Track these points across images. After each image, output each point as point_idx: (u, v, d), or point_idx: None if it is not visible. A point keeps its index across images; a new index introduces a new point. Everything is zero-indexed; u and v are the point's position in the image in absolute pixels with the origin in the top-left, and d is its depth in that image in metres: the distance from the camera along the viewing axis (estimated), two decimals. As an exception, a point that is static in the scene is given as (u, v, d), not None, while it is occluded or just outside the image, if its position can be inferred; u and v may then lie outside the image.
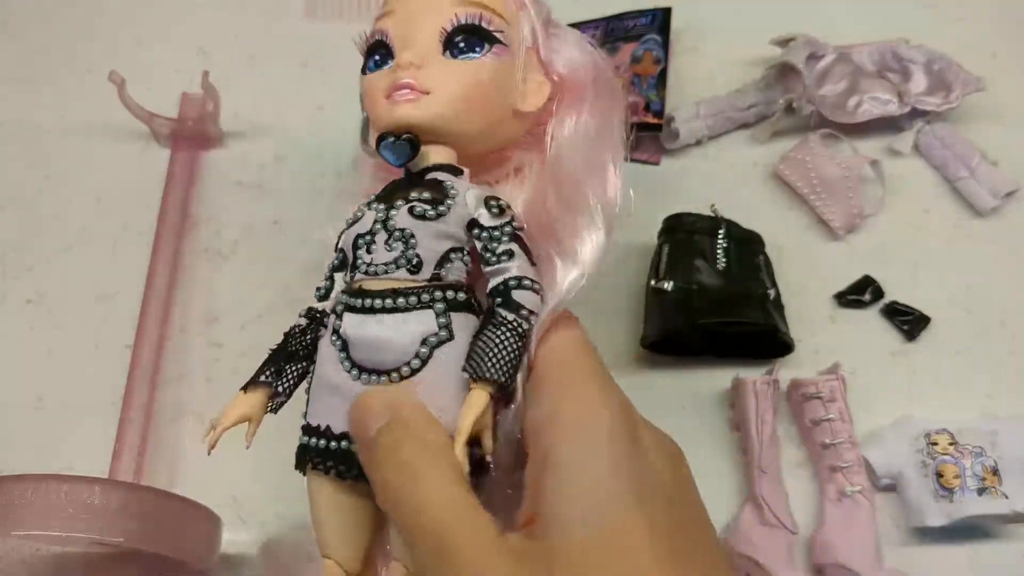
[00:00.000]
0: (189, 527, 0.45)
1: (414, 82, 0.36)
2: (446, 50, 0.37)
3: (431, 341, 0.33)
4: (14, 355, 0.57)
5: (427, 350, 0.33)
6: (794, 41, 0.62)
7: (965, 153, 0.60)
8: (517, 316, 0.33)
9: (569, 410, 0.31)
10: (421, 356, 0.33)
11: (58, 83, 0.66)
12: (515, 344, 0.32)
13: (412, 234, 0.34)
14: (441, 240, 0.34)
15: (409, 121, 0.36)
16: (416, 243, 0.34)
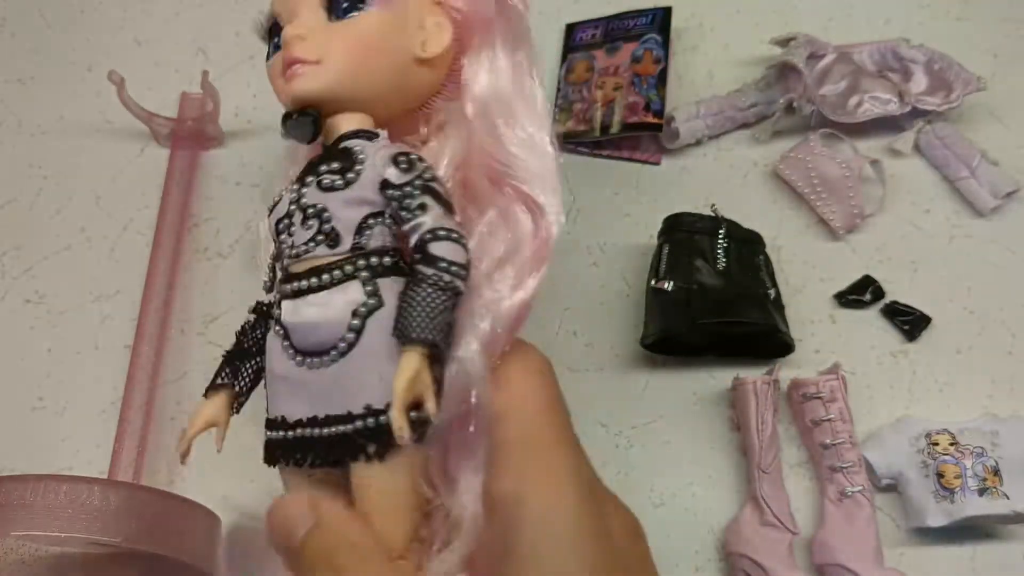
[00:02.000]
0: (189, 527, 0.45)
1: (302, 54, 0.34)
2: (331, 15, 0.35)
3: (361, 312, 0.31)
4: (14, 355, 0.57)
5: (359, 321, 0.31)
6: (794, 41, 0.62)
7: (965, 153, 0.60)
8: (436, 270, 0.31)
9: (535, 495, 0.30)
10: (354, 328, 0.31)
11: (58, 83, 0.66)
12: (439, 299, 0.31)
13: (324, 207, 0.33)
14: (355, 207, 0.33)
15: (305, 96, 0.34)
16: (330, 216, 0.32)
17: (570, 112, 0.63)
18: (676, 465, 0.53)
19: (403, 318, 0.31)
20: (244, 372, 0.35)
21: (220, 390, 0.35)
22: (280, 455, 0.33)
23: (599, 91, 0.63)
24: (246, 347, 0.35)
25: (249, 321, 0.35)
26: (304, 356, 0.32)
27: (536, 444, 0.31)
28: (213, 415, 0.34)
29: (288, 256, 0.33)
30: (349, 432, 0.31)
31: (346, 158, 0.33)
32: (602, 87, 0.63)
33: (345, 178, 0.33)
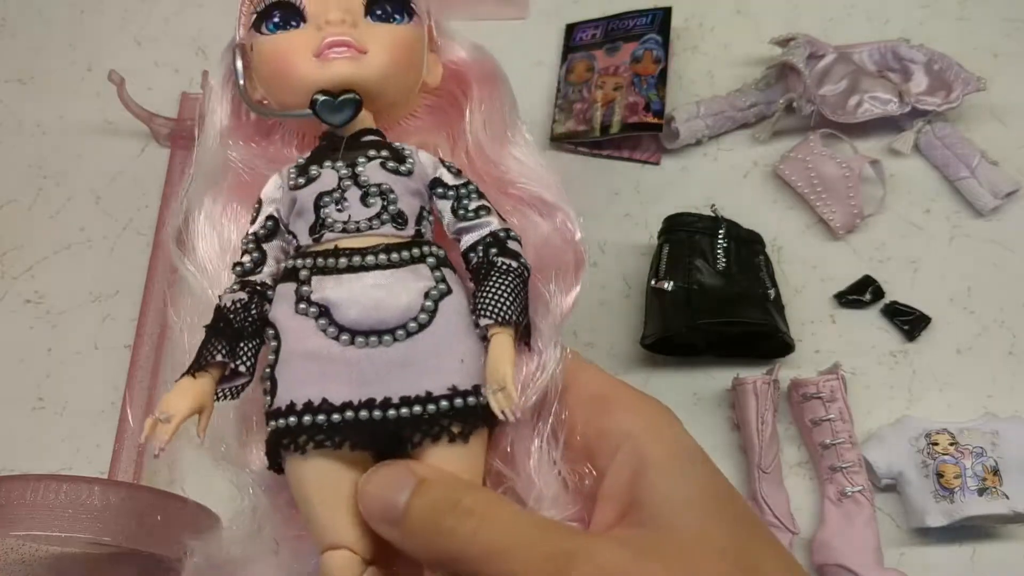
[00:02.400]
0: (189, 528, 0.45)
1: (352, 40, 0.34)
2: (369, 15, 0.36)
3: (433, 295, 0.32)
4: (14, 355, 0.57)
5: (432, 303, 0.31)
6: (794, 41, 0.62)
7: (966, 153, 0.60)
8: (519, 264, 0.33)
9: (661, 424, 0.31)
10: (427, 310, 0.31)
11: (58, 83, 0.66)
12: (524, 289, 0.32)
13: (391, 188, 0.33)
14: (414, 197, 0.34)
15: (351, 79, 0.34)
16: (396, 198, 0.33)
17: (570, 112, 0.63)
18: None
19: (497, 302, 0.31)
20: (243, 352, 0.32)
21: (209, 370, 0.32)
22: (323, 441, 0.30)
23: (599, 91, 0.63)
24: (238, 327, 0.32)
25: (240, 300, 0.33)
26: (354, 334, 0.31)
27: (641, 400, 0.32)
28: (201, 399, 0.32)
29: (337, 230, 0.32)
30: (431, 413, 0.30)
31: (391, 150, 0.34)
32: (602, 87, 0.63)
33: (405, 166, 0.33)
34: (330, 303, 0.31)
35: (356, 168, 0.33)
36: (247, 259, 0.34)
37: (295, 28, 0.35)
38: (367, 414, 0.30)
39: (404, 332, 0.31)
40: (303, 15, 0.35)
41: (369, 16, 0.36)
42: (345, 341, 0.31)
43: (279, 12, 0.36)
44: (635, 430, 0.30)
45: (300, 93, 0.34)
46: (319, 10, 0.35)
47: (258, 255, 0.34)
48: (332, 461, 0.30)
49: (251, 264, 0.34)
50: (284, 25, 0.36)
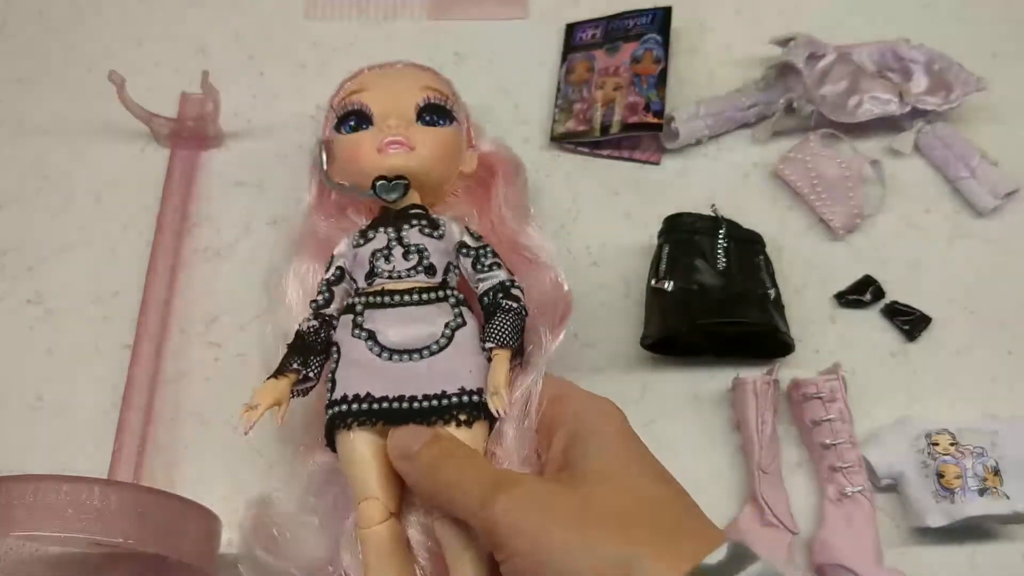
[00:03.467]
0: (189, 527, 0.45)
1: (403, 139, 0.48)
2: (419, 119, 0.50)
3: (452, 325, 0.45)
4: (14, 355, 0.57)
5: (450, 331, 0.44)
6: (794, 41, 0.62)
7: (965, 153, 0.60)
8: (519, 304, 0.45)
9: (594, 409, 0.41)
10: (446, 336, 0.44)
11: (58, 83, 0.66)
12: (521, 323, 0.45)
13: (424, 247, 0.46)
14: (442, 255, 0.47)
15: (402, 168, 0.48)
16: (428, 255, 0.46)
17: (570, 112, 0.63)
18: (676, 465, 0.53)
19: (499, 332, 0.44)
20: (312, 363, 0.45)
21: (289, 374, 0.45)
22: (364, 421, 0.42)
23: (599, 91, 0.63)
24: (310, 344, 0.45)
25: (313, 326, 0.46)
26: (392, 353, 0.44)
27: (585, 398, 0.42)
28: (280, 395, 0.44)
29: (384, 277, 0.46)
30: (444, 405, 0.43)
31: (430, 220, 0.48)
32: (602, 87, 0.63)
33: (437, 232, 0.47)
34: (376, 330, 0.44)
35: (401, 232, 0.47)
36: (321, 298, 0.47)
37: (364, 130, 0.50)
38: (399, 405, 0.43)
39: (428, 352, 0.44)
40: (371, 120, 0.50)
41: (419, 121, 0.50)
42: (385, 357, 0.44)
43: (354, 118, 0.50)
44: (574, 414, 0.41)
45: (366, 177, 0.48)
46: (382, 115, 0.50)
47: (328, 295, 0.47)
48: (371, 437, 0.43)
49: (323, 301, 0.47)
50: (357, 127, 0.50)
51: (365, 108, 0.50)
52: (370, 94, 0.51)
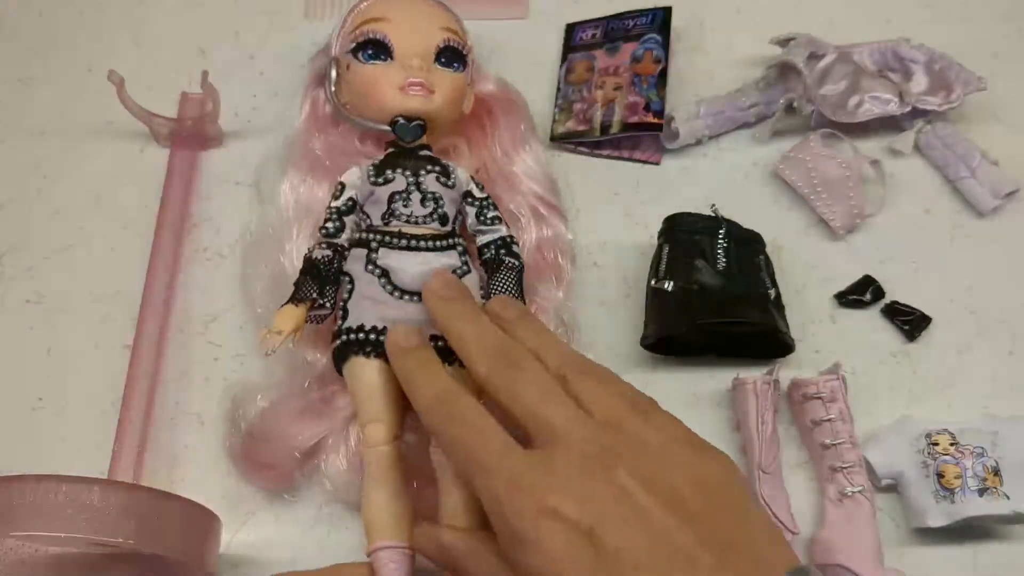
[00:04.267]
0: (189, 528, 0.45)
1: (425, 82, 0.50)
2: (436, 61, 0.51)
3: (459, 272, 0.48)
4: (14, 355, 0.57)
5: (458, 278, 0.47)
6: (794, 41, 0.62)
7: (966, 153, 0.60)
8: (520, 262, 0.50)
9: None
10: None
11: (58, 83, 0.66)
12: (522, 281, 0.49)
13: (440, 197, 0.49)
14: (453, 204, 0.50)
15: (422, 110, 0.50)
16: (443, 203, 0.49)
17: (570, 112, 0.63)
18: (676, 465, 0.53)
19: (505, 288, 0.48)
20: (328, 293, 0.47)
21: (306, 302, 0.47)
22: (370, 351, 0.46)
23: (599, 91, 0.63)
24: (325, 274, 0.47)
25: (327, 255, 0.48)
26: (403, 292, 0.47)
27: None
28: (299, 320, 0.46)
29: (403, 220, 0.48)
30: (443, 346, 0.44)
31: (443, 168, 0.50)
32: (602, 87, 0.63)
33: (450, 181, 0.50)
34: (391, 268, 0.47)
35: (419, 178, 0.49)
36: (331, 225, 0.48)
37: (383, 62, 0.51)
38: None
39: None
40: (391, 53, 0.51)
41: (437, 62, 0.52)
42: (398, 296, 0.47)
43: (373, 47, 0.51)
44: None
45: (384, 113, 0.51)
46: (404, 52, 0.51)
47: (339, 223, 0.49)
48: (382, 366, 0.45)
49: (334, 229, 0.48)
50: (376, 57, 0.51)
51: (387, 40, 0.51)
52: (392, 26, 0.51)
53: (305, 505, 0.52)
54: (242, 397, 0.50)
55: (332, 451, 0.49)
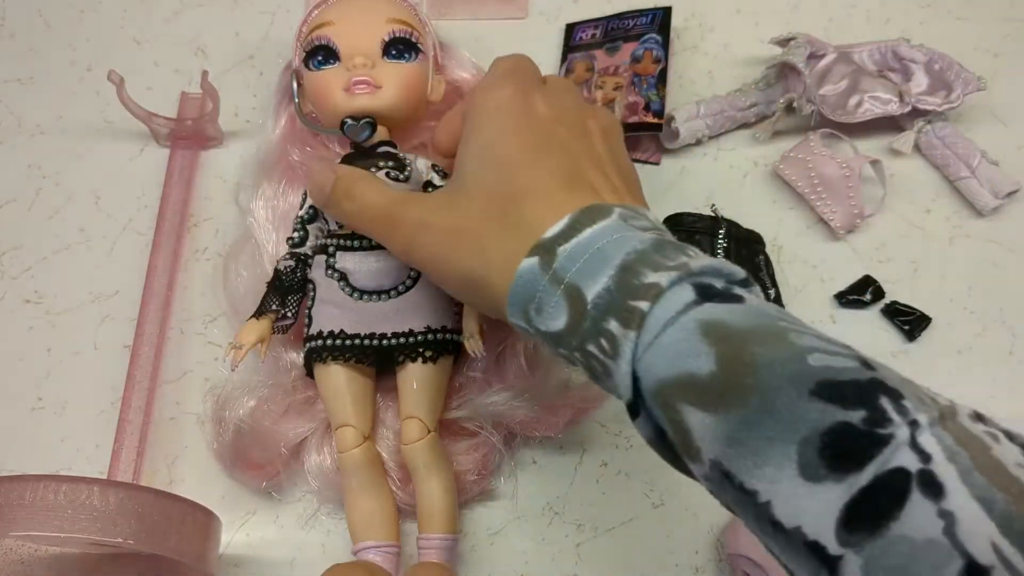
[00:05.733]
0: (188, 528, 0.45)
1: (370, 79, 0.49)
2: (385, 55, 0.50)
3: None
4: (14, 355, 0.57)
5: (416, 273, 0.47)
6: (794, 41, 0.62)
7: (966, 153, 0.60)
8: None
9: (478, 89, 0.42)
10: (412, 276, 0.48)
11: (58, 83, 0.66)
12: None
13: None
14: None
15: (368, 108, 0.49)
16: None
17: (570, 112, 0.63)
18: (676, 465, 0.53)
19: None
20: (290, 302, 0.49)
21: (269, 315, 0.48)
22: (338, 356, 0.47)
23: (599, 91, 0.63)
24: (288, 284, 0.49)
25: (290, 266, 0.49)
26: (361, 293, 0.47)
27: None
28: (262, 332, 0.48)
29: None
30: (411, 342, 0.47)
31: (397, 160, 0.48)
32: (602, 87, 0.63)
33: (404, 174, 0.48)
34: (348, 271, 0.48)
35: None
36: (296, 235, 0.50)
37: (331, 66, 0.50)
38: (369, 342, 0.47)
39: (396, 292, 0.47)
40: (338, 55, 0.50)
41: (386, 56, 0.50)
42: (356, 297, 0.47)
43: (321, 53, 0.51)
44: (467, 107, 0.42)
45: (334, 116, 0.49)
46: (348, 52, 0.50)
47: (303, 233, 0.50)
48: (344, 369, 0.47)
49: (298, 240, 0.50)
50: (324, 62, 0.50)
51: (331, 43, 0.50)
52: (336, 28, 0.50)
53: (305, 505, 0.52)
54: (226, 396, 0.51)
55: (315, 450, 0.50)
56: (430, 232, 0.39)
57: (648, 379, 0.32)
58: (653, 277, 0.33)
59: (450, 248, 0.39)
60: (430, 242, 0.39)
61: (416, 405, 0.47)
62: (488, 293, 0.37)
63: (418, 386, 0.47)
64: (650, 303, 0.32)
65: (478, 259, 0.37)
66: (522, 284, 0.35)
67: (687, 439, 0.31)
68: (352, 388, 0.47)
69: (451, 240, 0.39)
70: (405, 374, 0.47)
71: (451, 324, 0.48)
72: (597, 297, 0.33)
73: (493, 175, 0.38)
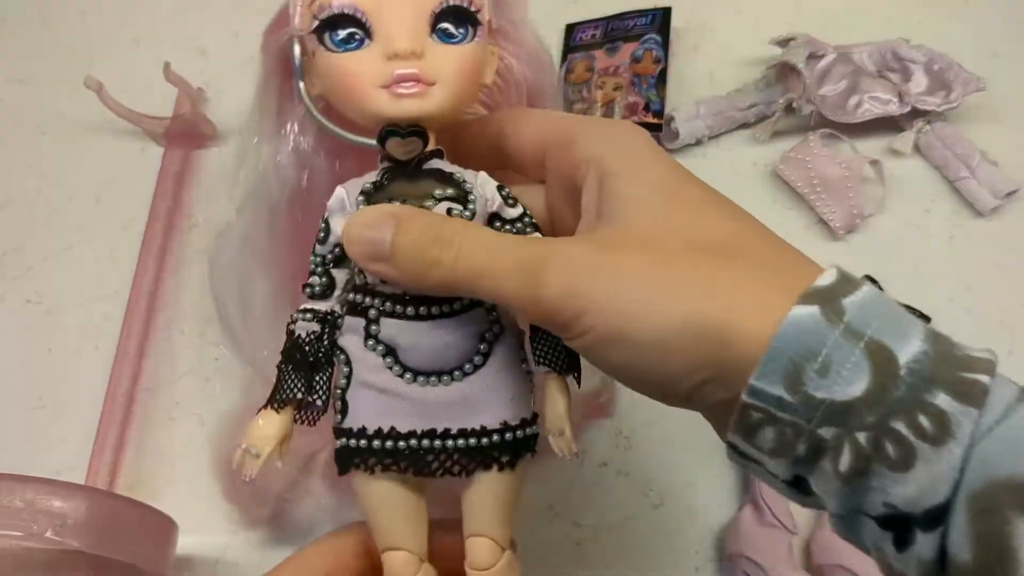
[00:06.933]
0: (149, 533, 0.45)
1: (420, 73, 0.34)
2: (432, 32, 0.34)
3: (488, 337, 0.34)
4: (14, 355, 0.57)
5: (486, 347, 0.34)
6: (794, 41, 0.62)
7: (965, 153, 0.60)
8: None
9: (618, 135, 0.33)
10: (483, 352, 0.34)
11: (58, 83, 0.66)
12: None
13: None
14: None
15: (419, 114, 0.34)
16: None
17: (570, 112, 0.63)
18: (676, 465, 0.53)
19: (555, 350, 0.34)
20: (319, 385, 0.35)
21: (288, 404, 0.34)
22: (390, 464, 0.34)
23: (599, 91, 0.63)
24: (313, 360, 0.35)
25: (314, 332, 0.35)
26: (416, 374, 0.34)
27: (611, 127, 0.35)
28: (283, 430, 0.34)
29: None
30: (485, 445, 0.34)
31: (455, 185, 0.34)
32: (602, 87, 0.63)
33: (469, 209, 0.34)
34: (397, 345, 0.34)
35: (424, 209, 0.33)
36: (316, 282, 0.35)
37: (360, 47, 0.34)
38: (429, 443, 0.34)
39: (461, 373, 0.34)
40: (370, 32, 0.34)
41: (435, 33, 0.34)
42: (409, 380, 0.34)
43: (343, 28, 0.34)
44: (596, 150, 0.32)
45: (368, 120, 0.35)
46: (385, 29, 0.34)
47: (327, 280, 0.35)
48: (394, 483, 0.34)
49: (320, 289, 0.35)
50: (349, 41, 0.34)
51: (360, 15, 0.34)
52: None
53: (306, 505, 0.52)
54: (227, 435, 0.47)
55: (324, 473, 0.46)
56: (615, 272, 0.29)
57: (976, 475, 0.24)
58: (968, 350, 0.27)
59: (658, 285, 0.28)
60: (616, 283, 0.28)
61: (488, 522, 0.35)
62: (723, 345, 0.27)
63: (492, 500, 0.35)
64: (989, 377, 0.26)
65: (710, 300, 0.28)
66: (796, 336, 0.26)
67: (1010, 566, 0.24)
68: (406, 504, 0.35)
69: (658, 276, 0.28)
70: (474, 484, 0.35)
71: (529, 415, 0.35)
72: (913, 361, 0.26)
73: (692, 217, 0.31)
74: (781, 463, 0.27)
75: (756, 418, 0.27)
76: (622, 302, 0.28)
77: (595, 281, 0.29)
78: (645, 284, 0.28)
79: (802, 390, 0.26)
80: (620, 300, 0.28)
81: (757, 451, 0.28)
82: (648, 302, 0.28)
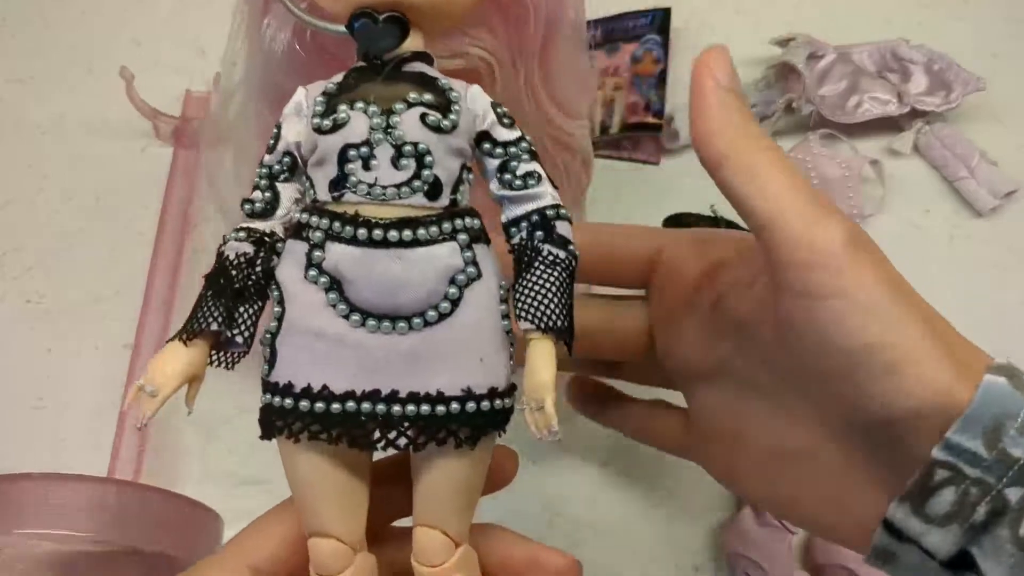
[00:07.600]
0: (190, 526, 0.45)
1: None
2: None
3: (460, 280, 0.27)
4: (14, 355, 0.57)
5: (456, 290, 0.27)
6: (794, 41, 0.62)
7: (965, 153, 0.60)
8: (568, 254, 0.28)
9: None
10: (451, 297, 0.27)
11: (58, 83, 0.66)
12: (570, 284, 0.28)
13: (428, 150, 0.27)
14: (455, 158, 0.28)
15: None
16: (432, 161, 0.27)
17: (570, 112, 0.63)
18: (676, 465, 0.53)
19: (539, 302, 0.27)
20: (243, 320, 0.29)
21: (201, 335, 0.29)
22: (319, 432, 0.27)
23: (599, 92, 0.63)
24: (239, 286, 0.28)
25: (245, 254, 0.28)
26: (365, 316, 0.27)
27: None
28: (192, 369, 0.29)
29: (361, 194, 0.27)
30: (440, 415, 0.27)
31: (436, 91, 0.28)
32: (602, 88, 0.63)
33: (449, 119, 0.28)
34: (343, 277, 0.27)
35: (391, 118, 0.27)
36: (258, 197, 0.29)
37: None
38: (369, 407, 0.27)
39: (422, 321, 0.27)
40: None
41: None
42: (355, 322, 0.27)
43: None
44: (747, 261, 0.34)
45: (340, 5, 0.29)
46: None
47: (270, 195, 0.29)
48: (323, 457, 0.28)
49: (261, 206, 0.29)
50: None
51: None
52: None
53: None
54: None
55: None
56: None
57: None
58: None
59: (833, 311, 0.30)
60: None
61: (439, 510, 0.29)
62: (913, 379, 0.29)
63: (446, 484, 0.28)
64: None
65: (887, 338, 0.30)
66: (993, 398, 0.27)
67: None
68: (338, 481, 0.28)
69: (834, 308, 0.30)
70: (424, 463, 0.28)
71: (502, 384, 0.28)
72: None
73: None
74: (950, 533, 0.27)
75: (940, 477, 0.27)
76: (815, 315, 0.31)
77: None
78: (818, 311, 0.31)
79: (999, 447, 0.26)
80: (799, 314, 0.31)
81: (922, 522, 0.27)
82: (824, 325, 0.31)
